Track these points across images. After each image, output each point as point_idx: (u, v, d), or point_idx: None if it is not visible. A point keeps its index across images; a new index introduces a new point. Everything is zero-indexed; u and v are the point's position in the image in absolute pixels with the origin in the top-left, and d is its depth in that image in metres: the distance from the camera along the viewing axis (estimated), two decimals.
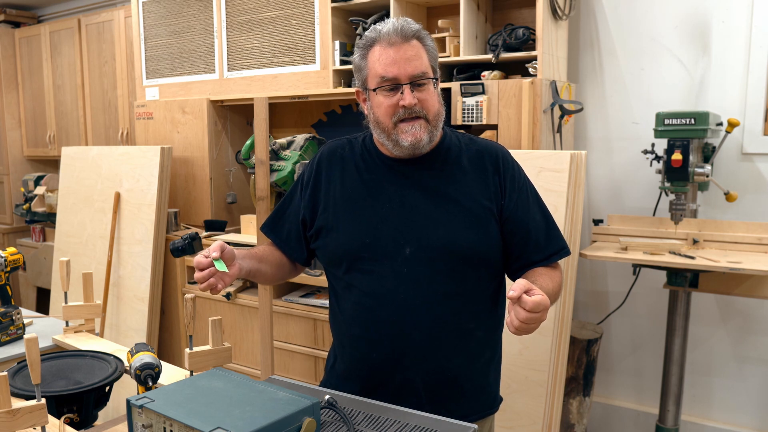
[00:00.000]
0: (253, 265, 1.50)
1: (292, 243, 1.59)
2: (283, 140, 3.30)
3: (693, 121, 2.41)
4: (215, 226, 3.41)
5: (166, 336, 3.63)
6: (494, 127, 2.65)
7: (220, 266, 1.36)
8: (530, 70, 2.61)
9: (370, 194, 1.47)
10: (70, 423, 1.45)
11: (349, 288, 1.48)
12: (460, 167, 1.47)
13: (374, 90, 1.41)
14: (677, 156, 2.43)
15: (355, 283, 1.46)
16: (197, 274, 1.37)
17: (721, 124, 2.60)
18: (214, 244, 1.39)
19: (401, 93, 1.38)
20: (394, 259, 1.41)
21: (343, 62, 3.03)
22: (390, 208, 1.44)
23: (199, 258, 1.37)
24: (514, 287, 1.18)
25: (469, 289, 1.43)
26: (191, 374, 1.56)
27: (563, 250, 1.50)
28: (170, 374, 1.66)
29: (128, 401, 1.16)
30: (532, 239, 1.47)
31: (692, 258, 2.34)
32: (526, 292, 1.18)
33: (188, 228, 3.64)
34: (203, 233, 3.37)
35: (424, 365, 1.43)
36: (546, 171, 2.32)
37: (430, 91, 1.41)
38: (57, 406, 1.47)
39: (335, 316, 1.55)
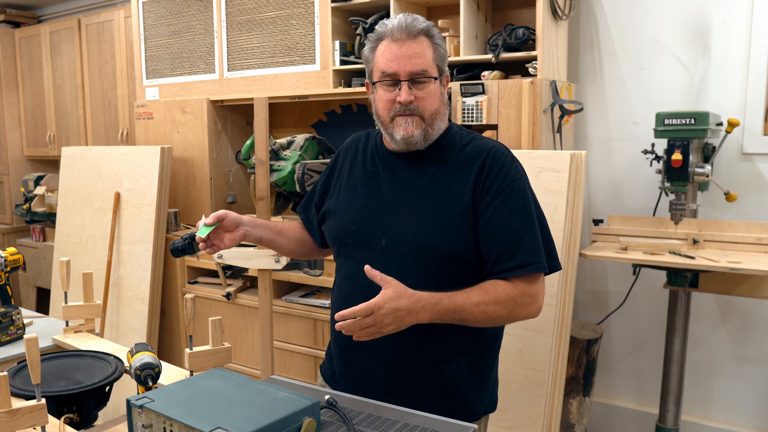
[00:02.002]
0: (265, 234, 1.62)
1: (315, 226, 1.70)
2: (283, 140, 3.30)
3: (693, 121, 2.41)
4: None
5: (166, 336, 3.63)
6: (494, 127, 2.65)
7: (201, 232, 1.48)
8: (530, 70, 2.61)
9: (367, 185, 1.53)
10: (70, 423, 1.45)
11: (337, 271, 1.59)
12: (451, 166, 1.47)
13: (375, 83, 1.47)
14: (677, 156, 2.43)
15: (340, 267, 1.57)
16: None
17: (721, 124, 2.60)
18: (218, 212, 1.51)
19: (399, 89, 1.42)
20: (371, 248, 1.47)
21: (343, 62, 3.03)
22: (379, 199, 1.50)
23: (200, 222, 1.51)
24: None
25: (439, 289, 1.39)
26: (191, 374, 1.56)
27: (532, 266, 1.37)
28: (170, 374, 1.66)
29: (128, 401, 1.16)
30: (497, 247, 1.39)
31: (692, 258, 2.34)
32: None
33: (188, 228, 3.64)
34: None
35: (383, 356, 1.45)
36: (546, 171, 2.32)
37: (430, 90, 1.43)
38: (57, 406, 1.47)
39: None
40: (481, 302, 1.35)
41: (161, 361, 1.51)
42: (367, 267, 1.30)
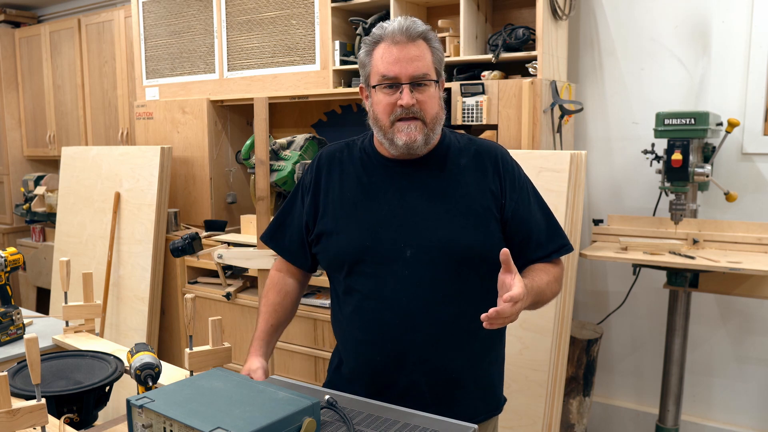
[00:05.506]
0: (275, 339, 1.62)
1: (295, 250, 1.60)
2: (283, 140, 3.30)
3: (693, 121, 2.41)
4: (215, 226, 3.41)
5: (166, 336, 3.63)
6: (494, 127, 2.65)
7: None
8: (530, 70, 2.61)
9: (369, 197, 1.47)
10: (70, 423, 1.45)
11: (350, 291, 1.48)
12: (459, 168, 1.46)
13: (375, 87, 1.42)
14: (677, 156, 2.43)
15: (357, 286, 1.46)
16: None
17: (721, 124, 2.60)
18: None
19: (400, 92, 1.38)
20: (395, 261, 1.41)
21: (343, 62, 3.03)
22: (389, 210, 1.44)
23: None
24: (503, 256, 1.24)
25: (470, 290, 1.43)
26: (191, 374, 1.56)
27: (564, 248, 1.51)
28: (170, 374, 1.66)
29: (128, 401, 1.16)
30: (534, 239, 1.47)
31: (692, 258, 2.34)
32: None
33: (188, 228, 3.64)
34: (203, 233, 3.36)
35: (427, 366, 1.42)
36: (546, 171, 2.32)
37: (430, 93, 1.41)
38: (57, 406, 1.47)
39: (337, 318, 1.55)
40: (549, 282, 1.44)
41: (161, 361, 1.51)
42: (504, 251, 1.23)
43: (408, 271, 1.40)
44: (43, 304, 4.67)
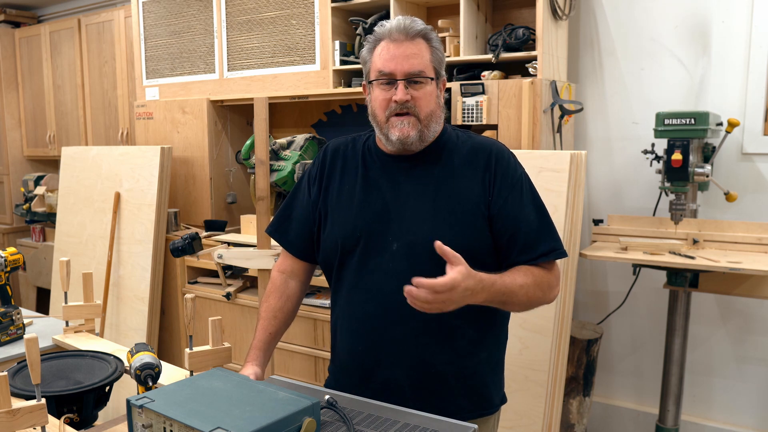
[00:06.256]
0: (273, 346, 1.60)
1: (302, 243, 1.61)
2: (283, 140, 3.30)
3: (693, 121, 2.41)
4: (215, 226, 3.41)
5: (166, 336, 3.63)
6: (494, 127, 2.65)
7: None
8: (530, 70, 2.61)
9: (366, 190, 1.50)
10: (70, 423, 1.45)
11: (340, 281, 1.52)
12: (454, 164, 1.47)
13: (372, 83, 1.46)
14: (677, 156, 2.43)
15: (345, 276, 1.50)
16: None
17: (721, 124, 2.60)
18: None
19: (395, 88, 1.41)
20: (382, 254, 1.44)
21: (343, 62, 3.03)
22: (382, 204, 1.47)
23: None
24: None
25: None
26: (191, 374, 1.56)
27: (554, 252, 1.44)
28: (170, 374, 1.66)
29: (128, 401, 1.16)
30: (521, 239, 1.43)
31: (692, 258, 2.34)
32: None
33: (188, 228, 3.64)
34: (203, 233, 3.36)
35: (407, 361, 1.44)
36: (546, 171, 2.32)
37: (426, 91, 1.42)
38: (57, 406, 1.47)
39: (331, 308, 1.59)
40: (524, 284, 1.38)
41: (161, 361, 1.51)
42: (437, 243, 1.23)
43: (392, 263, 1.43)
44: (43, 304, 4.67)
